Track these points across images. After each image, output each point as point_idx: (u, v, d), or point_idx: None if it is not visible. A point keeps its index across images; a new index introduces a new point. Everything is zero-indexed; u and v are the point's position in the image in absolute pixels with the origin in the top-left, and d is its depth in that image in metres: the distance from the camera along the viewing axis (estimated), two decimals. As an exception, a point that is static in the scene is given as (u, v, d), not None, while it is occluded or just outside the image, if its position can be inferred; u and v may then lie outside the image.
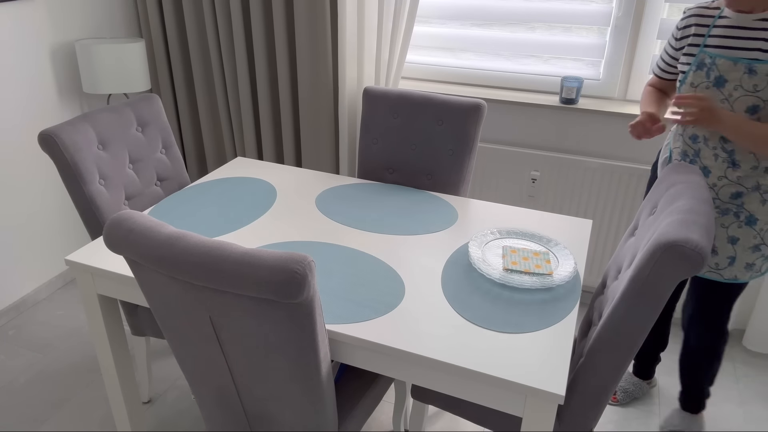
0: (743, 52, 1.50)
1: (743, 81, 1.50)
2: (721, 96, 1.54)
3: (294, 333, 1.12)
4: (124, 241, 1.15)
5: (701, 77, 1.57)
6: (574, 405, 1.36)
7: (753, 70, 1.48)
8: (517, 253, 1.60)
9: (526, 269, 1.52)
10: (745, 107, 1.51)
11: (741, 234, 1.64)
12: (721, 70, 1.53)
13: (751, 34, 1.50)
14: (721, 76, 1.53)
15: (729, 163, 1.59)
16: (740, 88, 1.51)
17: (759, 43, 1.48)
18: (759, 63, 1.48)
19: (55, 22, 2.50)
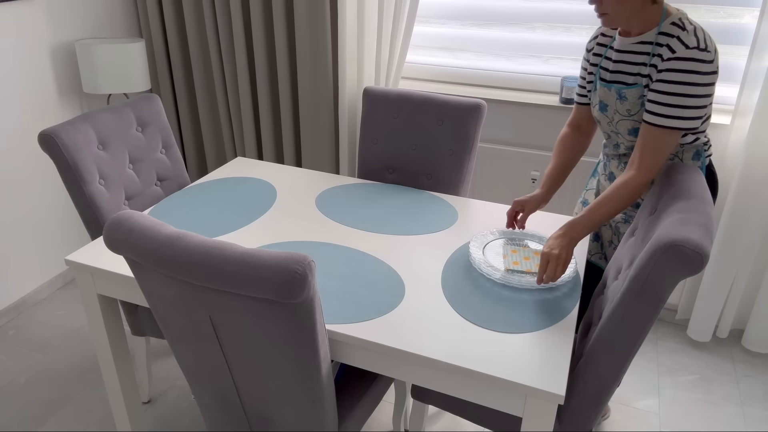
0: (618, 76, 1.51)
1: (617, 106, 1.52)
2: (607, 118, 1.57)
3: (294, 333, 1.12)
4: (124, 241, 1.15)
5: (595, 98, 1.59)
6: (574, 405, 1.36)
7: (623, 95, 1.49)
8: (518, 252, 1.60)
9: (527, 269, 1.52)
10: (626, 130, 1.53)
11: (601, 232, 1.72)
12: (600, 96, 1.55)
13: (627, 58, 1.49)
14: (602, 102, 1.55)
15: None
16: (617, 114, 1.52)
17: (630, 67, 1.48)
18: (627, 88, 1.48)
19: (55, 22, 2.50)
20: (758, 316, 2.36)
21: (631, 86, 1.48)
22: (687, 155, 1.55)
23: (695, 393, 2.20)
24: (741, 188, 2.19)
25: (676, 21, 1.41)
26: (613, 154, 1.65)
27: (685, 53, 1.35)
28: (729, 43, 2.22)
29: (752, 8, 2.17)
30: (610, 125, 1.57)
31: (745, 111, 2.15)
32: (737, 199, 2.21)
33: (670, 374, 2.29)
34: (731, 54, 2.28)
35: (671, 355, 2.40)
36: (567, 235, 1.42)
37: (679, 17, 1.41)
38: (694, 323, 2.44)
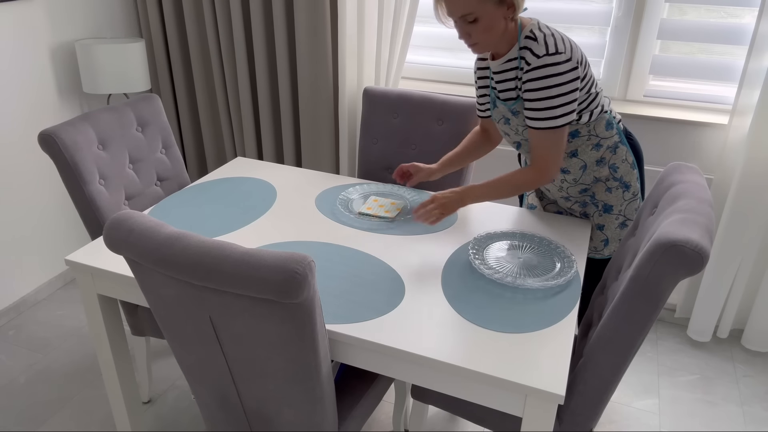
0: (506, 94, 1.63)
1: (516, 119, 1.63)
2: (513, 130, 1.68)
3: (294, 333, 1.12)
4: (124, 241, 1.15)
5: (498, 115, 1.69)
6: (574, 405, 1.36)
7: (514, 111, 1.62)
8: (377, 202, 1.86)
9: (375, 213, 1.79)
10: None
11: (604, 221, 1.77)
12: (501, 113, 1.67)
13: (503, 77, 1.60)
14: (504, 117, 1.67)
15: (561, 171, 1.73)
16: (519, 126, 1.64)
17: (509, 83, 1.60)
18: (515, 103, 1.60)
19: (55, 22, 2.50)
20: (758, 315, 2.36)
21: (516, 100, 1.59)
22: (600, 129, 1.64)
23: (695, 393, 2.20)
24: (741, 188, 2.19)
25: (528, 33, 1.51)
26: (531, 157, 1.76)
27: (538, 62, 1.46)
28: (728, 42, 2.22)
29: (752, 8, 2.17)
30: (518, 135, 1.68)
31: (744, 111, 2.15)
32: (737, 198, 2.21)
33: (670, 374, 2.29)
34: (730, 54, 2.28)
35: (671, 355, 2.40)
36: (462, 194, 1.59)
37: (530, 29, 1.52)
38: (694, 323, 2.44)
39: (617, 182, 1.72)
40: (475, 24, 1.46)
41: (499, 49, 1.57)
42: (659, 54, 2.36)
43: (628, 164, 1.71)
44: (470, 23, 1.46)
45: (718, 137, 2.29)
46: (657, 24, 2.30)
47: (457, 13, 1.45)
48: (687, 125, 2.32)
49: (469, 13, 1.44)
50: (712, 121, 2.27)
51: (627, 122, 2.39)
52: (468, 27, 1.48)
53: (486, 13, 1.44)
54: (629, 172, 1.71)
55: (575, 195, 1.77)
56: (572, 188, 1.76)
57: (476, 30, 1.47)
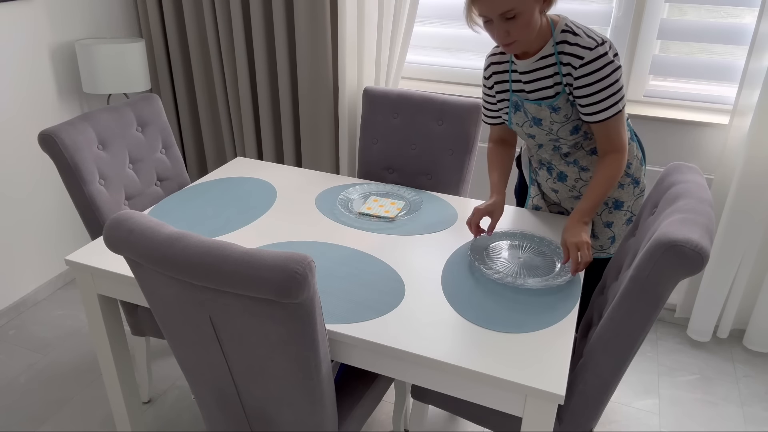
0: (541, 93, 1.59)
1: (553, 117, 1.59)
2: (546, 130, 1.64)
3: (294, 333, 1.12)
4: (124, 241, 1.15)
5: (522, 117, 1.66)
6: (574, 405, 1.36)
7: (555, 107, 1.58)
8: (377, 202, 1.86)
9: (375, 213, 1.79)
10: (567, 132, 1.62)
11: (613, 218, 1.76)
12: (532, 113, 1.62)
13: (538, 75, 1.57)
14: (535, 117, 1.63)
15: (578, 168, 1.72)
16: (555, 123, 1.61)
17: (546, 81, 1.56)
18: (555, 100, 1.56)
19: (55, 22, 2.50)
20: (759, 316, 2.36)
21: (556, 97, 1.56)
22: None
23: (695, 393, 2.20)
24: (741, 188, 2.19)
25: (564, 28, 1.50)
26: (558, 158, 1.73)
27: (590, 55, 1.46)
28: (728, 42, 2.22)
29: (752, 8, 2.17)
30: (549, 134, 1.65)
31: (744, 111, 2.15)
32: (737, 198, 2.21)
33: (670, 374, 2.29)
34: (731, 54, 2.28)
35: (671, 355, 2.40)
36: (581, 221, 1.54)
37: (564, 23, 1.51)
38: (694, 323, 2.44)
39: (629, 178, 1.72)
40: (515, 20, 1.41)
41: (532, 47, 1.53)
42: (659, 54, 2.36)
43: (638, 160, 1.72)
44: (509, 20, 1.41)
45: (718, 137, 2.29)
46: (657, 24, 2.30)
47: (499, 9, 1.39)
48: (687, 125, 2.32)
49: (510, 9, 1.39)
50: (712, 121, 2.27)
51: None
52: (507, 24, 1.42)
53: (527, 7, 1.40)
54: (639, 168, 1.72)
55: None
56: (586, 187, 1.74)
57: (516, 27, 1.42)
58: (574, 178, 1.74)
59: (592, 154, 1.68)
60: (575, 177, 1.74)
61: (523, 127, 1.68)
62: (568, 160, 1.71)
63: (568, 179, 1.75)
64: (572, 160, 1.71)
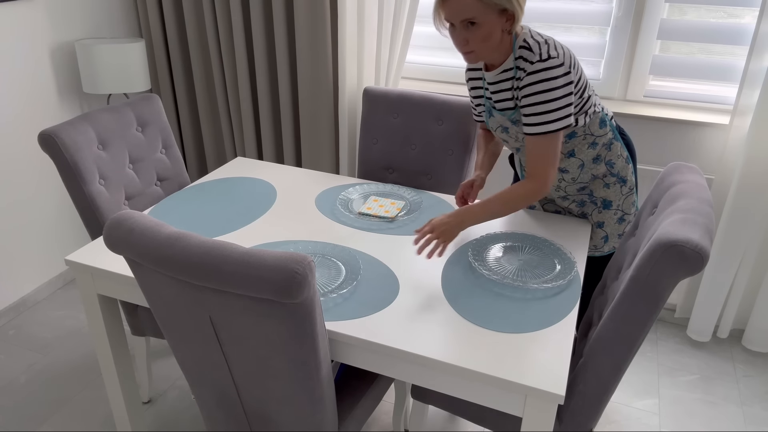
0: (503, 104, 1.62)
1: (516, 127, 1.63)
2: (512, 138, 1.68)
3: (294, 333, 1.12)
4: (124, 241, 1.15)
5: (495, 122, 1.69)
6: (574, 405, 1.36)
7: (513, 120, 1.61)
8: (377, 202, 1.87)
9: (375, 213, 1.80)
10: None
11: (603, 217, 1.78)
12: (499, 122, 1.67)
13: (500, 87, 1.60)
14: (501, 126, 1.67)
15: (559, 171, 1.73)
16: (519, 133, 1.64)
17: (506, 93, 1.60)
18: (514, 113, 1.59)
19: (55, 22, 2.50)
20: (758, 316, 2.35)
21: (515, 109, 1.59)
22: (594, 128, 1.65)
23: (695, 393, 2.20)
24: (741, 188, 2.19)
25: (522, 43, 1.52)
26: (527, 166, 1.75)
27: (532, 68, 1.47)
28: (729, 42, 2.22)
29: (752, 8, 2.17)
30: (517, 141, 1.69)
31: (744, 111, 2.15)
32: (737, 199, 2.21)
33: (670, 374, 2.29)
34: (731, 54, 2.28)
35: (671, 355, 2.40)
36: (459, 217, 1.52)
37: (523, 38, 1.52)
38: (694, 323, 2.44)
39: (615, 177, 1.73)
40: (475, 30, 1.45)
41: (494, 60, 1.57)
42: (659, 54, 2.36)
43: (623, 159, 1.72)
44: (470, 29, 1.45)
45: (718, 137, 2.29)
46: (657, 24, 2.30)
47: (459, 17, 1.44)
48: (687, 125, 2.32)
49: (472, 17, 1.43)
50: (712, 121, 2.27)
51: (627, 122, 2.39)
52: (467, 33, 1.46)
53: (487, 20, 1.44)
54: (624, 167, 1.73)
55: (573, 193, 1.78)
56: (570, 187, 1.76)
57: (474, 37, 1.46)
58: (557, 179, 1.76)
59: (570, 156, 1.69)
60: (558, 178, 1.76)
61: (497, 132, 1.72)
62: None
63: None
64: None
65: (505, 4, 1.43)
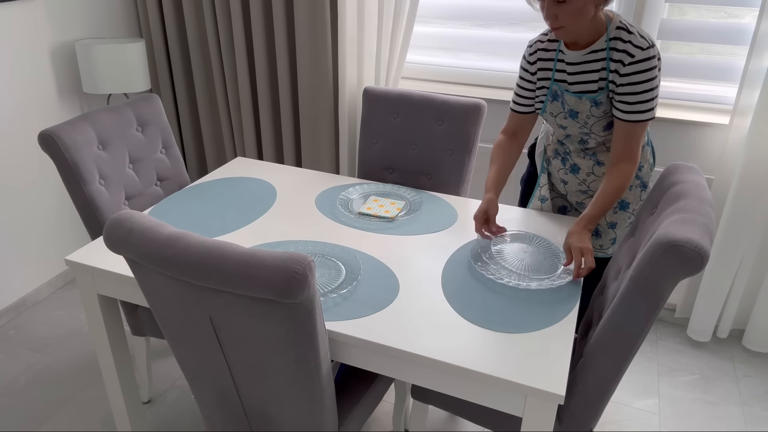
0: (584, 86, 1.58)
1: (592, 111, 1.60)
2: (580, 123, 1.64)
3: (294, 333, 1.12)
4: (124, 241, 1.15)
5: (558, 107, 1.66)
6: (574, 405, 1.36)
7: (597, 102, 1.58)
8: (377, 201, 1.87)
9: (375, 213, 1.80)
10: (601, 128, 1.62)
11: (618, 218, 1.77)
12: (571, 105, 1.62)
13: (585, 68, 1.57)
14: (572, 110, 1.63)
15: (594, 161, 1.72)
16: (592, 117, 1.61)
17: (591, 75, 1.56)
18: (598, 95, 1.56)
19: (54, 22, 2.50)
20: (758, 316, 2.35)
21: (599, 92, 1.55)
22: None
23: (695, 393, 2.20)
24: (741, 188, 2.19)
25: (619, 25, 1.50)
26: (578, 149, 1.73)
27: (642, 54, 1.46)
28: (729, 42, 2.22)
29: (752, 8, 2.17)
30: (582, 128, 1.65)
31: (744, 111, 2.15)
32: (737, 198, 2.21)
33: (670, 374, 2.29)
34: (731, 54, 2.28)
35: (671, 355, 2.40)
36: (587, 227, 1.54)
37: (619, 20, 1.51)
38: (694, 323, 2.44)
39: (638, 181, 1.72)
40: (566, 6, 1.41)
41: (584, 39, 1.53)
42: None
43: (649, 164, 1.72)
44: (559, 3, 1.41)
45: (718, 137, 2.29)
46: (657, 24, 2.30)
47: None
48: (687, 125, 2.32)
49: None
50: (712, 121, 2.27)
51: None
52: (556, 8, 1.42)
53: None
54: (648, 173, 1.72)
55: (595, 189, 1.76)
56: (595, 183, 1.75)
57: (565, 12, 1.42)
58: (586, 171, 1.74)
59: (609, 150, 1.68)
60: (588, 171, 1.74)
61: (557, 118, 1.67)
62: (587, 152, 1.71)
63: (581, 172, 1.75)
64: (591, 153, 1.71)
65: None
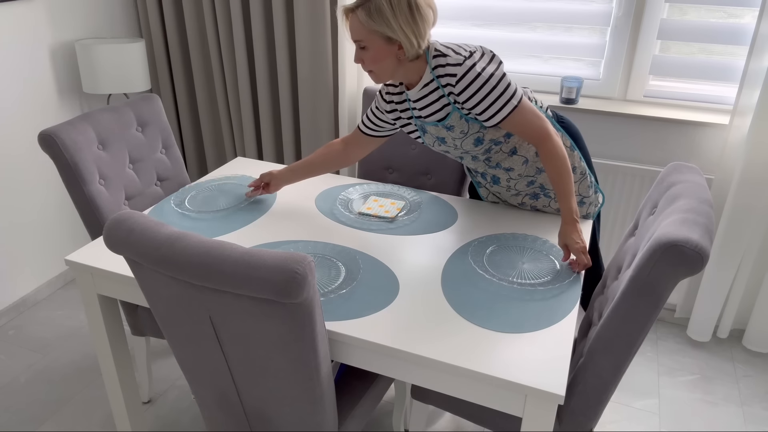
0: (435, 115, 1.64)
1: (450, 134, 1.65)
2: (452, 146, 1.69)
3: (294, 333, 1.12)
4: (124, 241, 1.15)
5: (430, 138, 1.71)
6: (574, 405, 1.36)
7: (448, 126, 1.63)
8: (377, 202, 1.87)
9: (375, 213, 1.80)
10: (471, 145, 1.66)
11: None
12: (434, 134, 1.68)
13: (427, 101, 1.63)
14: (438, 137, 1.69)
15: (502, 169, 1.75)
16: (456, 138, 1.66)
17: (435, 105, 1.62)
18: (447, 119, 1.61)
19: (55, 22, 2.50)
20: (758, 316, 2.36)
21: (447, 117, 1.61)
22: None
23: (695, 393, 2.20)
24: (741, 188, 2.19)
25: (435, 53, 1.57)
26: (478, 164, 1.77)
27: (462, 70, 1.52)
28: (728, 42, 2.22)
29: (752, 8, 2.17)
30: (457, 149, 1.70)
31: (744, 111, 2.15)
32: (737, 199, 2.21)
33: (670, 374, 2.29)
34: (731, 54, 2.28)
35: (671, 355, 2.40)
36: (575, 221, 1.55)
37: (434, 48, 1.57)
38: (694, 323, 2.44)
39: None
40: (366, 53, 1.53)
41: (410, 79, 1.61)
42: (659, 54, 2.36)
43: (567, 148, 1.74)
44: (361, 50, 1.53)
45: (718, 137, 2.29)
46: (657, 24, 2.30)
47: (352, 37, 1.53)
48: (687, 125, 2.32)
49: (359, 39, 1.51)
50: (712, 121, 2.27)
51: (627, 122, 2.39)
52: (361, 53, 1.54)
53: (374, 44, 1.51)
54: (570, 155, 1.74)
55: (523, 188, 1.79)
56: (520, 183, 1.78)
57: (367, 58, 1.54)
58: (505, 178, 1.78)
59: (513, 154, 1.71)
60: (506, 177, 1.78)
61: (434, 146, 1.74)
62: (491, 164, 1.75)
63: (501, 180, 1.80)
64: (495, 164, 1.74)
65: (389, 33, 1.48)
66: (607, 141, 2.45)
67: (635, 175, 2.39)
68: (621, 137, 2.42)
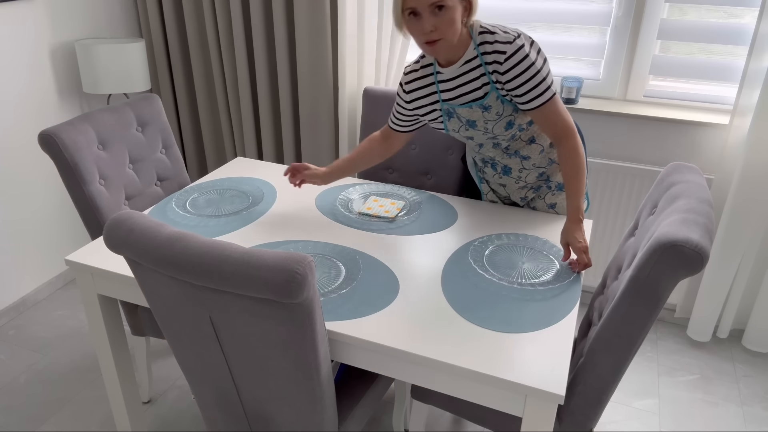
0: (470, 95, 1.63)
1: (486, 116, 1.64)
2: (481, 130, 1.68)
3: (294, 333, 1.12)
4: (124, 241, 1.15)
5: (456, 123, 1.70)
6: (574, 405, 1.36)
7: (485, 107, 1.62)
8: (377, 201, 1.87)
9: (375, 213, 1.79)
10: (502, 129, 1.66)
11: (556, 199, 1.84)
12: (465, 116, 1.67)
13: (465, 79, 1.61)
14: (469, 120, 1.67)
15: (519, 158, 1.76)
16: (489, 122, 1.65)
17: (474, 83, 1.61)
18: (485, 99, 1.61)
19: (55, 22, 2.50)
20: (758, 316, 2.36)
21: (486, 96, 1.60)
22: None
23: (695, 393, 2.20)
24: (741, 188, 2.19)
25: (481, 30, 1.56)
26: (499, 153, 1.78)
27: (512, 48, 1.52)
28: (728, 42, 2.22)
29: (752, 8, 2.17)
30: (486, 134, 1.69)
31: (744, 111, 2.15)
32: (737, 199, 2.21)
33: (670, 374, 2.29)
34: (731, 54, 2.28)
35: (671, 355, 2.40)
36: (579, 220, 1.55)
37: (479, 25, 1.57)
38: (693, 323, 2.44)
39: (556, 164, 1.78)
40: (443, 14, 1.44)
41: (454, 54, 1.59)
42: (659, 54, 2.36)
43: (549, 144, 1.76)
44: (438, 14, 1.44)
45: (718, 137, 2.29)
46: (657, 24, 2.30)
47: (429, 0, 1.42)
48: (687, 125, 2.32)
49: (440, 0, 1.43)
50: (712, 121, 2.27)
51: (627, 122, 2.39)
52: (435, 19, 1.44)
53: (454, 3, 1.46)
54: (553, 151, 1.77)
55: (532, 181, 1.81)
56: (531, 174, 1.79)
57: (443, 21, 1.45)
58: (518, 168, 1.78)
59: (531, 143, 1.72)
60: (519, 168, 1.78)
61: (460, 132, 1.73)
62: (509, 153, 1.76)
63: (513, 171, 1.80)
64: (513, 152, 1.75)
65: None
66: (607, 141, 2.45)
67: (635, 175, 2.39)
68: (621, 137, 2.42)
